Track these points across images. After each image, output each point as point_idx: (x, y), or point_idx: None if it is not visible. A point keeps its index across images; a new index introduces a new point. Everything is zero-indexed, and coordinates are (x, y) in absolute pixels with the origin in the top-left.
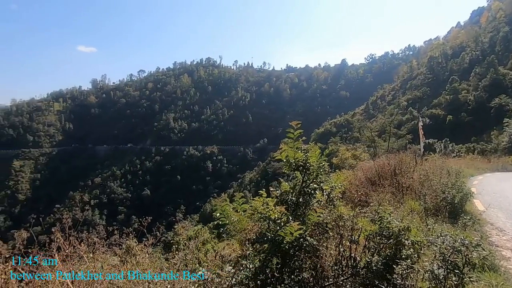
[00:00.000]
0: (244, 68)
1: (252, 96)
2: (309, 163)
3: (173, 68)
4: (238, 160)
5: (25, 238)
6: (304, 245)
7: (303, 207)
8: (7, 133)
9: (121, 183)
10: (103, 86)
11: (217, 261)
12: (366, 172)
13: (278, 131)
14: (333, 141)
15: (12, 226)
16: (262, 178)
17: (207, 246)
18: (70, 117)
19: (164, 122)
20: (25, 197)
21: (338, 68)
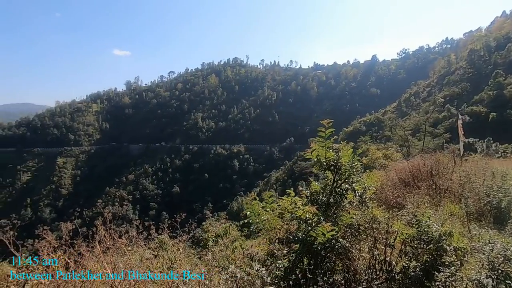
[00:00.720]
0: (270, 67)
1: (279, 95)
2: (340, 162)
3: (201, 69)
4: (264, 159)
5: (71, 229)
6: (336, 246)
7: (334, 207)
8: (52, 133)
9: (152, 180)
10: (136, 88)
11: (245, 259)
12: (399, 173)
13: (305, 130)
14: (362, 140)
15: (56, 218)
16: (289, 177)
17: (235, 244)
18: (106, 117)
19: (192, 122)
20: (67, 192)
21: (368, 65)
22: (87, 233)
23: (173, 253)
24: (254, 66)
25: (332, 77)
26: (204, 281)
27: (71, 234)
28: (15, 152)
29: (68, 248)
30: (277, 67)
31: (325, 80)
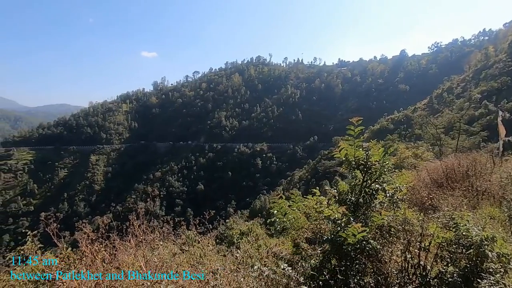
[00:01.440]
0: (294, 65)
1: (302, 93)
2: (370, 162)
3: (224, 68)
4: (287, 157)
5: (107, 223)
6: (366, 248)
7: (364, 208)
8: (86, 132)
9: (178, 177)
10: (162, 88)
11: (271, 258)
12: (431, 173)
13: (329, 128)
14: (390, 139)
15: (90, 212)
16: (312, 176)
17: (259, 242)
18: (135, 116)
19: (216, 120)
20: (100, 188)
21: (397, 60)
22: (120, 227)
23: (200, 249)
24: (277, 64)
25: (358, 73)
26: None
27: (107, 227)
28: (54, 150)
29: (104, 241)
30: (301, 64)
31: (350, 76)
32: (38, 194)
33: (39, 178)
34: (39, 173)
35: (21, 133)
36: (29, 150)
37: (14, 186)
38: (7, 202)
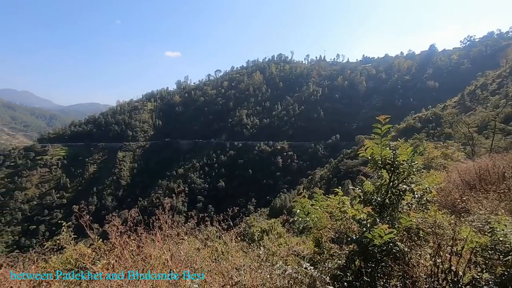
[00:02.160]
0: (316, 62)
1: (324, 91)
2: (398, 161)
3: (246, 66)
4: (308, 156)
5: (134, 217)
6: (393, 250)
7: (390, 209)
8: (113, 129)
9: (199, 174)
10: (185, 87)
11: (292, 256)
12: (462, 174)
13: (352, 126)
14: (417, 138)
15: (117, 206)
16: (334, 175)
17: (280, 240)
18: (159, 114)
19: (237, 119)
20: (126, 183)
21: (425, 55)
22: (147, 221)
23: (221, 245)
24: (298, 62)
25: (383, 70)
26: (258, 274)
27: (134, 221)
28: (84, 146)
29: (132, 234)
30: (323, 62)
31: (375, 73)
32: (70, 188)
33: (71, 173)
34: (71, 168)
35: (55, 131)
36: (62, 146)
37: (49, 180)
38: (43, 194)
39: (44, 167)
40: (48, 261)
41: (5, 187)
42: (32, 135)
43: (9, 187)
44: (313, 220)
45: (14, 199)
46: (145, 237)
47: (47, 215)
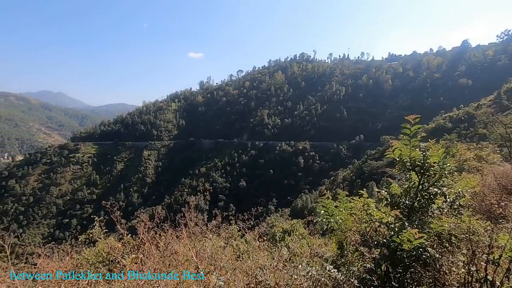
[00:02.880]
0: (339, 61)
1: (348, 90)
2: (428, 163)
3: (267, 66)
4: (330, 156)
5: (161, 214)
6: (423, 256)
7: (419, 213)
8: (140, 129)
9: (221, 173)
10: (208, 87)
11: (315, 258)
12: (499, 178)
13: (377, 127)
14: (447, 139)
15: (142, 203)
16: (357, 177)
17: (302, 241)
18: (183, 114)
19: (259, 118)
20: (151, 181)
21: (457, 52)
22: (173, 218)
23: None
24: (321, 61)
25: (411, 67)
26: (282, 274)
27: (161, 217)
28: (113, 145)
29: (158, 230)
30: (347, 60)
31: (401, 71)
32: (99, 184)
33: (100, 170)
34: (101, 165)
35: (86, 130)
36: (93, 145)
37: (81, 176)
38: (75, 190)
39: (76, 164)
40: (80, 253)
41: (42, 182)
42: (66, 134)
43: (45, 182)
44: (337, 222)
45: (49, 194)
46: (171, 233)
47: (79, 210)
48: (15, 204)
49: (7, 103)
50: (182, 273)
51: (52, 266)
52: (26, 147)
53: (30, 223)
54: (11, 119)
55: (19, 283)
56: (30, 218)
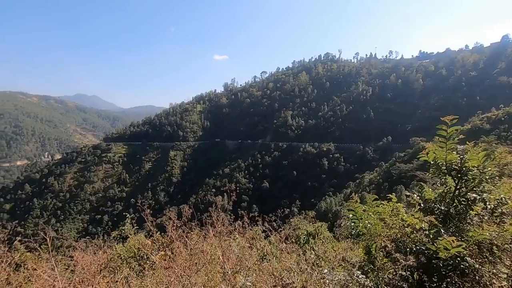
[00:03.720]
0: (366, 60)
1: (375, 90)
2: (466, 167)
3: (291, 67)
4: (356, 158)
5: (188, 213)
6: (460, 265)
7: (456, 219)
8: (166, 130)
9: (244, 174)
10: (232, 89)
11: (342, 263)
12: None
13: (406, 128)
14: (486, 141)
15: (168, 202)
16: (385, 180)
17: (327, 245)
18: (207, 116)
19: (282, 120)
20: (177, 180)
21: (496, 48)
22: (199, 217)
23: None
24: (347, 61)
25: (444, 65)
26: (308, 277)
27: (189, 216)
28: (141, 145)
29: (186, 228)
30: (374, 59)
31: (433, 70)
32: (129, 182)
33: (130, 169)
34: (130, 165)
35: (117, 131)
36: (123, 145)
37: (112, 175)
38: (107, 188)
39: (108, 163)
40: (112, 248)
41: (77, 180)
42: (99, 135)
43: (80, 180)
44: (365, 226)
45: (84, 191)
46: (197, 232)
47: (110, 207)
48: (54, 200)
49: (48, 106)
50: (210, 272)
51: (87, 259)
52: (63, 147)
53: (66, 218)
54: (51, 121)
55: (59, 274)
56: (67, 213)
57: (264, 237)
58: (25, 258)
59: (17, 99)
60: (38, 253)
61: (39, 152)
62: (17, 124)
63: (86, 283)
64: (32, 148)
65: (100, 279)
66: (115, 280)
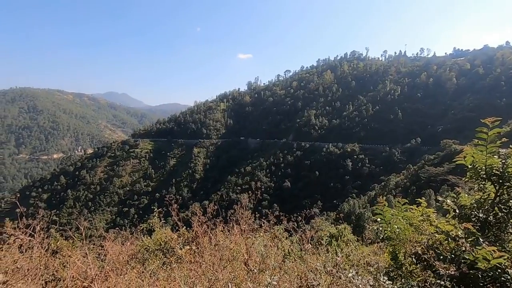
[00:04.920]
0: (394, 58)
1: (403, 89)
2: (509, 172)
3: (316, 66)
4: (381, 160)
5: (214, 209)
6: (501, 278)
7: (495, 228)
8: (191, 127)
9: (266, 173)
10: (255, 87)
11: (365, 267)
12: None
13: (437, 129)
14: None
15: (191, 197)
16: (412, 183)
17: (349, 247)
18: (230, 114)
19: (305, 119)
20: (199, 177)
21: None
22: (224, 214)
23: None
24: (374, 59)
25: (481, 63)
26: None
27: (214, 212)
28: (166, 142)
29: (211, 224)
30: (403, 57)
31: (469, 68)
32: (154, 178)
33: (155, 165)
34: (156, 160)
35: (144, 127)
36: (149, 141)
37: (139, 170)
38: (134, 182)
39: (135, 158)
40: (139, 239)
41: (107, 173)
42: (127, 131)
43: (109, 174)
44: (394, 231)
45: (112, 184)
46: (221, 229)
47: (136, 200)
48: (86, 192)
49: (82, 103)
50: (236, 269)
51: (116, 249)
52: (95, 142)
53: (96, 209)
54: (84, 117)
55: (92, 262)
56: (97, 204)
57: (286, 236)
58: (61, 245)
59: (54, 96)
60: (72, 241)
61: (73, 146)
62: (54, 119)
63: (116, 272)
64: (67, 142)
65: (129, 269)
66: (142, 271)
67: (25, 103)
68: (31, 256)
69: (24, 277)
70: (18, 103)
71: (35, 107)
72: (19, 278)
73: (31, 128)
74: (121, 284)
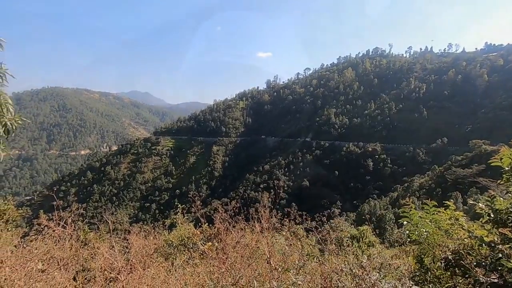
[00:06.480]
0: (420, 55)
1: (429, 87)
2: None
3: (336, 64)
4: (404, 160)
5: (236, 207)
6: None
7: None
8: (210, 125)
9: (284, 172)
10: (274, 86)
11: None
12: None
13: (465, 129)
14: None
15: (210, 194)
16: (438, 185)
17: (371, 249)
18: (249, 112)
19: (325, 118)
20: (218, 174)
21: None
22: (245, 212)
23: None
24: (398, 56)
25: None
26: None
27: (236, 209)
28: (187, 140)
29: (232, 222)
30: (429, 53)
31: (502, 64)
32: (175, 174)
33: (176, 162)
34: (176, 157)
35: (165, 125)
36: (170, 139)
37: (160, 166)
38: (155, 178)
39: (156, 155)
40: (161, 234)
41: (130, 170)
42: (149, 129)
43: (132, 170)
44: (422, 234)
45: (135, 180)
46: (243, 226)
47: (157, 196)
48: (110, 187)
49: (107, 101)
50: (259, 267)
51: (140, 243)
52: (119, 139)
53: (120, 204)
54: (109, 115)
55: (118, 254)
56: (121, 199)
57: (305, 236)
58: (90, 237)
59: (82, 95)
60: (99, 233)
61: (99, 143)
62: (82, 117)
63: (141, 265)
64: (94, 139)
65: (154, 262)
66: (167, 266)
67: (55, 101)
68: (63, 247)
69: (58, 266)
70: (49, 101)
71: (64, 106)
72: (55, 267)
73: (61, 125)
74: (146, 277)
